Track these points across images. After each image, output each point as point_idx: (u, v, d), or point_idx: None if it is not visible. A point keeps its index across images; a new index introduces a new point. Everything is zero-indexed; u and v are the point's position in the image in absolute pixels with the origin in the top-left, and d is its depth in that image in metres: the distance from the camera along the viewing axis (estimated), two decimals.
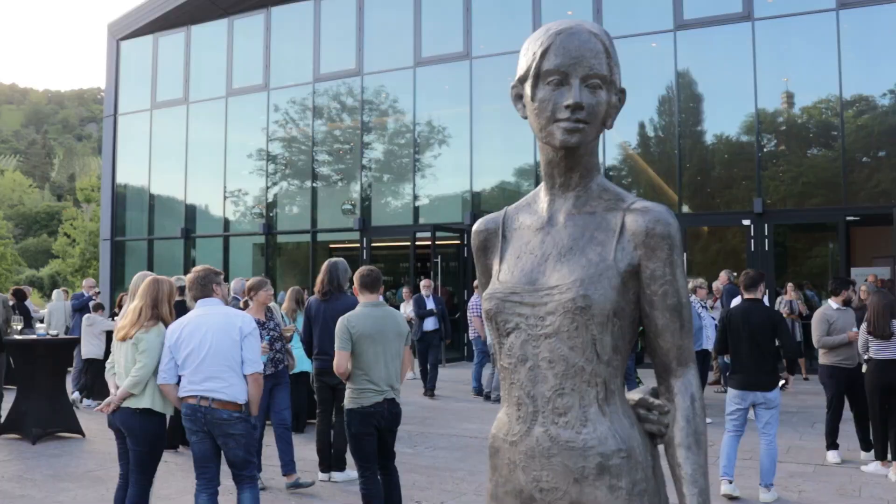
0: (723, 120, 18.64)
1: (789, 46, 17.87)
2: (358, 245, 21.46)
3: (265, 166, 23.80)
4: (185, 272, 23.91)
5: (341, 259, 8.55)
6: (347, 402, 5.98)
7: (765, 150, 17.99)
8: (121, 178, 26.55)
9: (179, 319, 5.62)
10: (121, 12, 26.34)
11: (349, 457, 6.62)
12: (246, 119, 24.17)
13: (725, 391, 8.54)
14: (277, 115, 23.73)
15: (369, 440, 5.94)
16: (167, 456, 7.64)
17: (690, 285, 11.66)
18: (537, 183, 18.11)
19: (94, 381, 12.76)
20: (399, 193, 21.97)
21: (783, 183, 17.89)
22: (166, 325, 5.64)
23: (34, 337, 10.45)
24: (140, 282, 6.44)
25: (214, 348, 5.43)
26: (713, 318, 11.97)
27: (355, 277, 6.23)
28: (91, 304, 13.86)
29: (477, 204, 20.39)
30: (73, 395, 12.72)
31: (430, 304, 14.62)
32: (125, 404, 5.57)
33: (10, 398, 10.96)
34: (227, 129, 24.23)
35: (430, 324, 14.50)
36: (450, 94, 21.34)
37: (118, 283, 25.03)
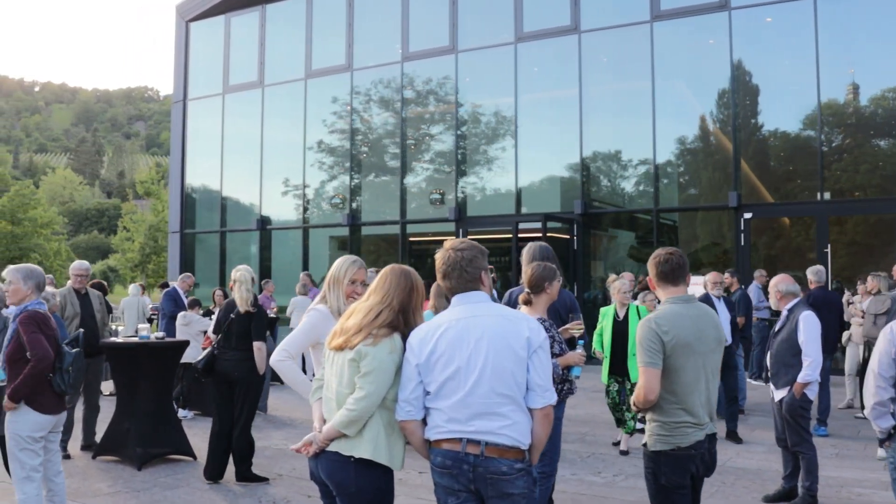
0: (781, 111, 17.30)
1: (853, 29, 16.56)
2: (453, 237, 19.59)
3: (348, 152, 22.05)
4: (262, 266, 22.36)
5: (544, 243, 6.75)
6: (653, 441, 4.13)
7: (830, 143, 16.61)
8: (190, 167, 24.98)
9: (428, 323, 3.77)
10: None
11: None
12: (327, 102, 22.43)
13: None
14: (361, 98, 21.97)
15: (683, 496, 4.09)
16: None
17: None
18: (655, 162, 16.44)
19: (192, 388, 11.08)
20: (498, 181, 20.08)
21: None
22: (404, 339, 3.80)
23: (136, 339, 8.72)
24: (345, 268, 4.70)
25: (491, 369, 3.56)
26: None
27: (651, 264, 4.38)
28: (187, 300, 12.19)
29: (587, 192, 18.49)
30: None
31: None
32: (334, 447, 3.75)
33: (105, 410, 9.29)
34: (307, 112, 22.53)
35: None
36: (557, 75, 19.43)
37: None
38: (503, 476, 3.55)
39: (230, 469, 7.82)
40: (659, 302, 4.49)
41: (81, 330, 5.99)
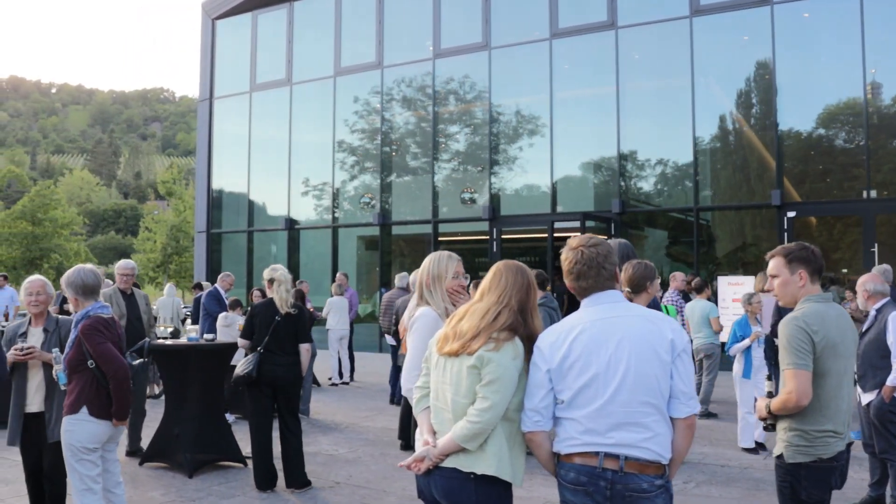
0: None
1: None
2: (486, 237, 19.25)
3: (377, 150, 21.72)
4: (290, 266, 22.05)
5: (623, 240, 6.39)
6: (792, 453, 3.79)
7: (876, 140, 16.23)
8: (217, 166, 24.71)
9: (559, 326, 3.42)
10: None
11: None
12: (356, 100, 22.12)
13: None
14: (391, 96, 21.65)
15: None
16: None
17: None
18: (695, 161, 16.05)
19: (234, 390, 10.74)
20: (532, 179, 19.72)
21: None
22: (530, 342, 3.46)
23: (185, 342, 8.40)
24: (444, 263, 4.31)
25: (634, 375, 3.21)
26: None
27: (807, 258, 4.01)
28: (228, 300, 11.88)
29: (624, 190, 18.11)
30: None
31: None
32: (451, 463, 3.39)
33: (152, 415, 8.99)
34: (336, 111, 22.22)
35: None
36: (593, 70, 19.06)
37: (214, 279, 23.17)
38: (643, 494, 3.19)
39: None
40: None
41: (147, 339, 5.65)
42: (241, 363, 7.42)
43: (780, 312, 9.46)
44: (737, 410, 9.37)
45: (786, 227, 16.43)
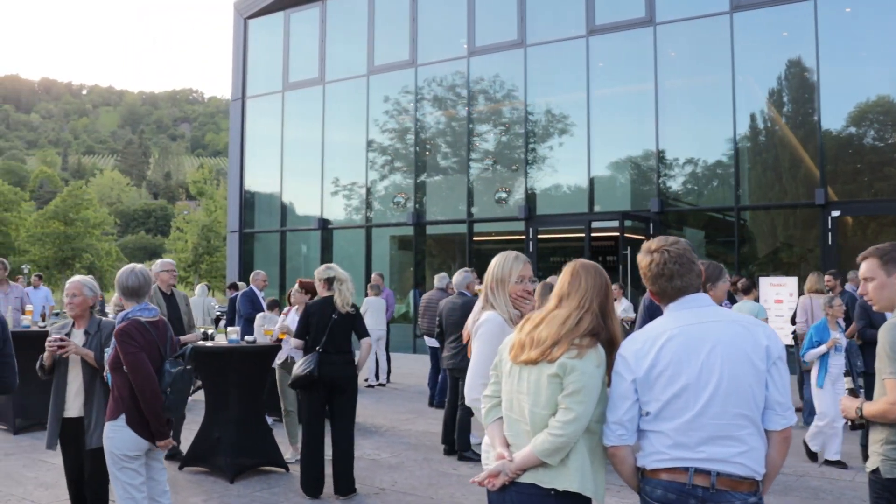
0: None
1: None
2: (522, 237, 18.99)
3: (411, 149, 21.53)
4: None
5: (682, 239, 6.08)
6: (889, 467, 3.51)
7: None
8: (249, 165, 24.63)
9: (643, 332, 3.19)
10: None
11: None
12: (390, 99, 21.94)
13: None
14: (425, 94, 21.45)
15: None
16: None
17: None
18: (736, 159, 15.68)
19: (272, 393, 10.57)
20: (569, 178, 19.45)
21: None
22: (612, 348, 3.23)
23: (225, 344, 8.23)
24: (510, 265, 4.06)
25: (727, 384, 2.98)
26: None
27: None
28: (265, 300, 11.72)
29: (663, 190, 17.79)
30: None
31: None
32: (529, 479, 3.16)
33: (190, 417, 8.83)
34: (369, 109, 22.05)
35: None
36: (631, 67, 18.74)
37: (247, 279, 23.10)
38: None
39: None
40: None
41: (189, 346, 5.45)
42: (300, 363, 7.24)
43: (869, 316, 9.07)
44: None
45: (829, 226, 16.04)
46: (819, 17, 16.29)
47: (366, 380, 14.56)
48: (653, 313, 6.68)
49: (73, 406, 5.57)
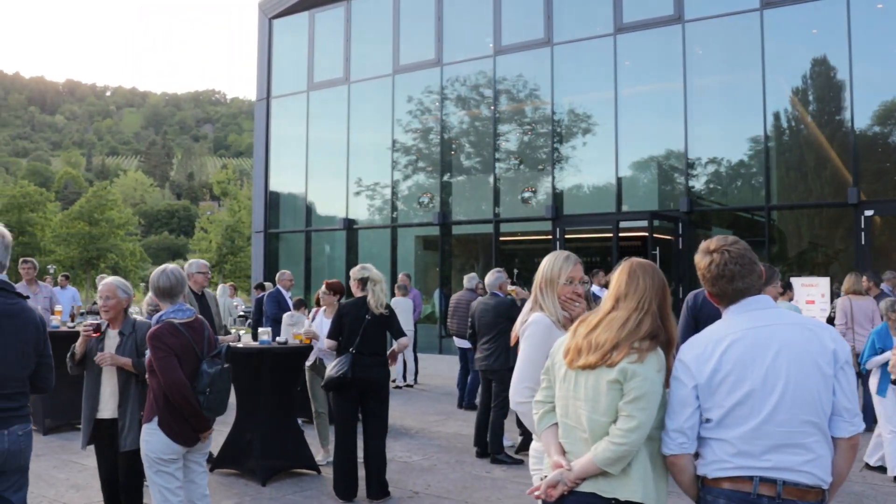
0: None
1: None
2: (549, 237, 18.83)
3: (437, 149, 21.43)
4: (349, 266, 21.83)
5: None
6: None
7: None
8: (274, 165, 24.62)
9: (703, 336, 3.06)
10: None
11: None
12: (415, 98, 21.84)
13: None
14: (451, 93, 21.34)
15: None
16: None
17: None
18: (766, 158, 15.42)
19: (301, 395, 10.50)
20: (596, 178, 19.27)
21: None
22: (668, 350, 3.11)
23: (257, 345, 8.16)
24: (559, 266, 3.94)
25: (794, 390, 2.86)
26: None
27: None
28: (292, 300, 11.66)
29: (693, 190, 17.58)
30: None
31: None
32: (589, 488, 3.04)
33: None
34: (394, 109, 21.96)
35: None
36: (659, 66, 18.55)
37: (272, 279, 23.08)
38: None
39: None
40: None
41: (226, 344, 5.36)
42: (333, 365, 7.16)
43: None
44: None
45: (863, 226, 15.78)
46: (851, 14, 16.01)
47: (393, 380, 14.45)
48: (696, 314, 6.55)
49: (108, 407, 5.50)
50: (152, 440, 4.93)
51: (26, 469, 4.10)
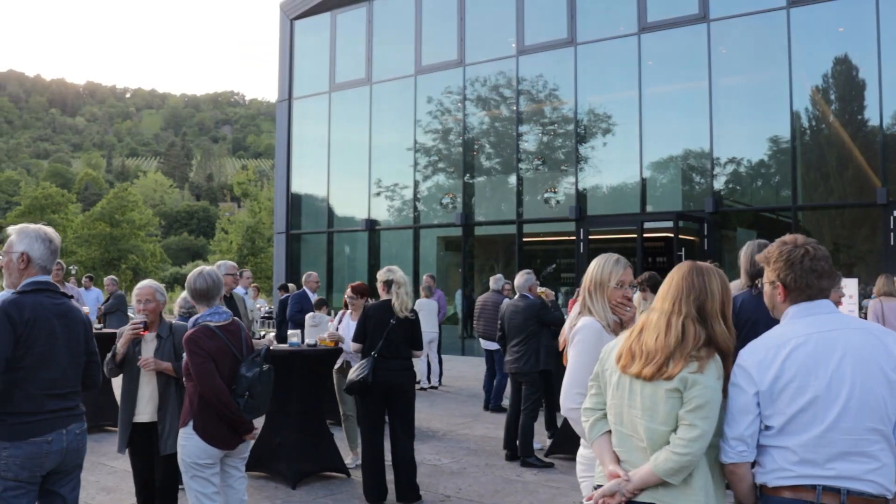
0: None
1: None
2: (573, 238, 18.72)
3: (459, 149, 21.36)
4: (371, 267, 21.83)
5: (763, 240, 5.86)
6: None
7: None
8: (296, 166, 24.63)
9: (764, 341, 2.98)
10: None
11: None
12: (437, 99, 21.80)
13: None
14: (473, 94, 21.27)
15: None
16: None
17: None
18: (793, 158, 15.23)
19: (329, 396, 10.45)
20: (620, 178, 19.15)
21: None
22: (724, 355, 3.02)
23: (286, 347, 8.12)
24: (609, 269, 3.87)
25: (859, 396, 2.78)
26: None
27: None
28: (314, 299, 11.62)
29: (718, 190, 17.44)
30: None
31: None
32: (647, 498, 2.96)
33: None
34: (416, 109, 21.92)
35: None
36: (684, 65, 18.41)
37: (295, 281, 23.08)
38: None
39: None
40: None
41: (267, 345, 5.31)
42: (355, 368, 7.10)
43: None
44: None
45: (892, 226, 15.59)
46: (881, 11, 15.82)
47: (417, 382, 14.38)
48: (735, 319, 6.42)
49: (146, 411, 5.48)
50: (188, 444, 4.88)
51: (81, 468, 4.16)
